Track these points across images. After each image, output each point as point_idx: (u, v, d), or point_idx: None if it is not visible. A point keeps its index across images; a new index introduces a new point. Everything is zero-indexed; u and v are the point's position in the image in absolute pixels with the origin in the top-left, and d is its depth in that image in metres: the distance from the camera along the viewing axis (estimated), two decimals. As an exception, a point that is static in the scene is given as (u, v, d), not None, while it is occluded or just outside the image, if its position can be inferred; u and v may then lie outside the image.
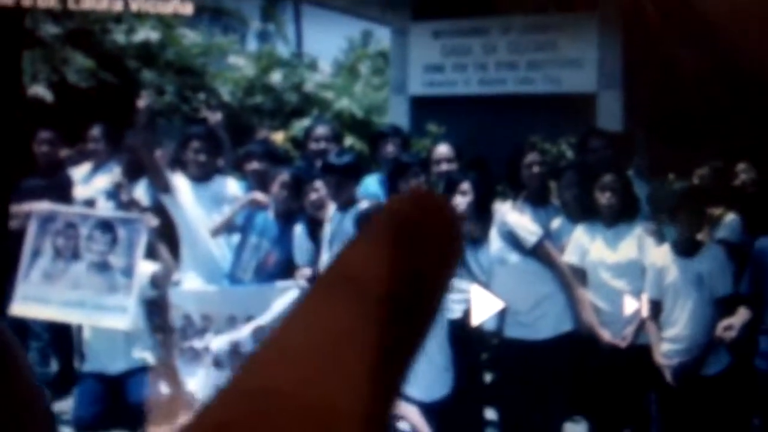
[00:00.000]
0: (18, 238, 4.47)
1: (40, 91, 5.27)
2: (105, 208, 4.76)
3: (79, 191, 4.92)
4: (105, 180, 4.97)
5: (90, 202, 4.84)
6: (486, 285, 4.19)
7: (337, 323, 0.22)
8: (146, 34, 6.02)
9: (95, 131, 5.21)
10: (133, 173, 4.94)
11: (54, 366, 5.09)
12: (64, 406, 4.68)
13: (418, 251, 0.22)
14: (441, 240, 0.22)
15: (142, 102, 4.83)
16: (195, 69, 6.46)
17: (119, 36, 5.96)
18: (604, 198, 4.33)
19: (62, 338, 5.03)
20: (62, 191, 4.78)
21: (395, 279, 0.22)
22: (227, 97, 6.56)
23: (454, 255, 0.23)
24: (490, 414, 4.43)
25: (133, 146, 4.88)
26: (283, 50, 7.27)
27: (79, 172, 5.09)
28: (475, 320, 4.09)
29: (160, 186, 4.71)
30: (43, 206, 4.57)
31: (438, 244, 0.22)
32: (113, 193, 4.86)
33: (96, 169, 5.13)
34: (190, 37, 6.44)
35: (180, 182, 4.73)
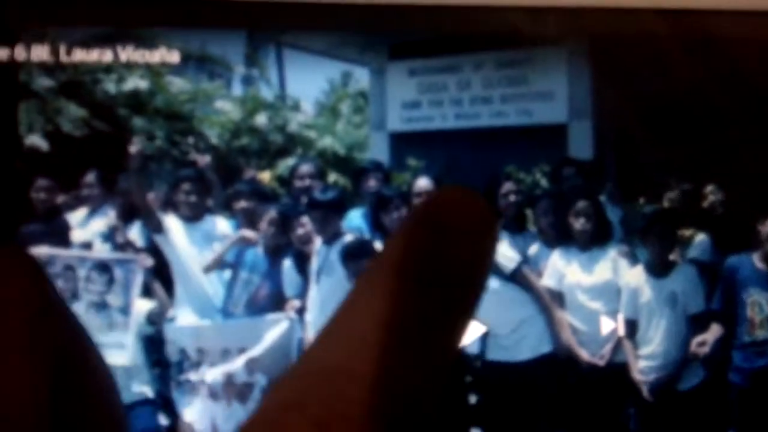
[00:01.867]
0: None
1: (36, 140, 5.44)
2: (101, 250, 4.88)
3: (76, 235, 5.04)
4: (101, 223, 5.10)
5: (87, 245, 4.95)
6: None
7: (366, 299, 0.23)
8: (135, 82, 6.19)
9: (90, 177, 5.33)
10: (127, 216, 5.07)
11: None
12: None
13: (457, 240, 0.23)
14: (476, 230, 0.23)
15: (133, 148, 4.98)
16: (183, 114, 6.60)
17: (110, 85, 6.12)
18: (578, 223, 4.45)
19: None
20: (60, 235, 4.91)
21: (420, 259, 0.23)
22: (215, 140, 6.71)
23: (490, 245, 0.23)
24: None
25: (126, 190, 5.02)
26: (267, 93, 7.35)
27: (75, 217, 5.20)
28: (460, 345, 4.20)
29: (154, 227, 4.86)
30: (43, 250, 4.70)
31: (474, 234, 0.23)
32: (109, 236, 4.99)
33: (92, 213, 5.25)
34: (178, 84, 6.61)
35: (172, 223, 4.88)
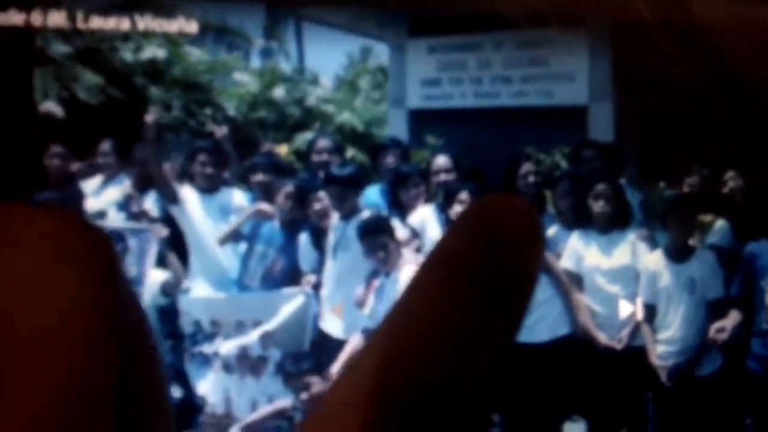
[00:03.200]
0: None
1: (51, 107, 5.40)
2: (116, 220, 4.87)
3: (91, 203, 5.02)
4: (115, 192, 5.08)
5: (101, 214, 4.94)
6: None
7: (431, 298, 0.24)
8: (153, 51, 6.16)
9: (105, 145, 5.32)
10: (142, 185, 5.05)
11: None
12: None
13: (506, 245, 0.23)
14: (526, 238, 0.24)
15: (150, 117, 4.97)
16: (201, 85, 6.58)
17: (127, 54, 6.09)
18: (597, 206, 4.45)
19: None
20: (74, 204, 4.89)
21: (487, 266, 0.23)
22: (232, 112, 6.67)
23: (537, 254, 0.24)
24: (493, 416, 4.53)
25: (142, 159, 5.00)
26: (285, 66, 7.36)
27: (89, 185, 5.19)
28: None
29: (169, 197, 4.83)
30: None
31: (523, 242, 0.24)
32: (123, 205, 4.97)
33: (106, 181, 5.23)
34: (196, 54, 6.58)
35: (188, 194, 4.86)
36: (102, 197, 5.07)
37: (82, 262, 0.24)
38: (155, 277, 4.65)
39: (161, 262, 4.77)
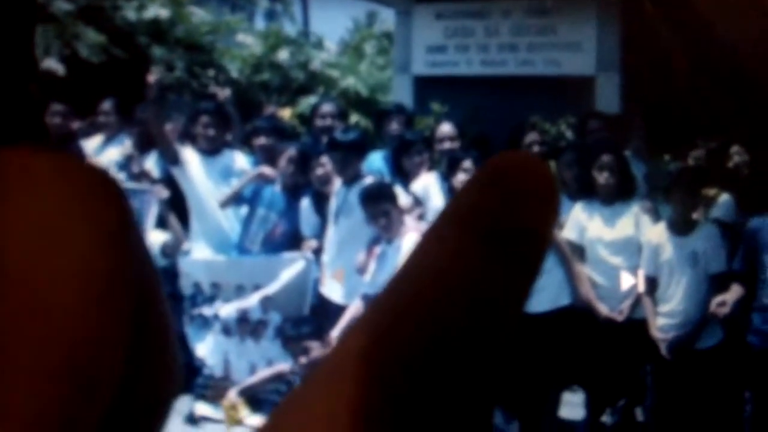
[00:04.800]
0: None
1: (52, 64, 5.37)
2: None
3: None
4: (116, 152, 5.06)
5: (101, 174, 4.90)
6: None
7: (433, 254, 0.23)
8: (156, 11, 6.12)
9: (106, 105, 5.29)
10: (143, 146, 5.03)
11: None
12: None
13: (522, 203, 0.23)
14: (542, 198, 0.23)
15: (152, 77, 4.92)
16: (204, 46, 6.56)
17: (130, 13, 6.06)
18: (602, 177, 4.42)
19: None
20: (74, 162, 4.85)
21: (502, 224, 0.23)
22: (235, 74, 6.66)
23: (553, 215, 0.23)
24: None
25: (143, 119, 4.97)
26: (290, 29, 7.35)
27: (90, 144, 5.17)
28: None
29: (170, 158, 4.80)
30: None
31: (539, 202, 0.23)
32: (124, 165, 4.95)
33: (107, 141, 5.21)
34: (199, 14, 6.55)
35: (190, 155, 4.83)
36: (103, 156, 5.04)
37: (96, 205, 0.23)
38: (155, 239, 4.63)
39: (161, 223, 4.75)
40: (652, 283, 4.30)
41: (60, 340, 0.21)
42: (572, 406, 4.55)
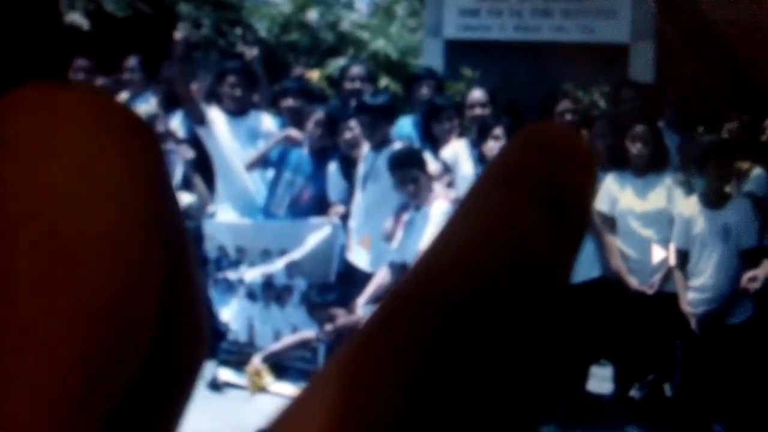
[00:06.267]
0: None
1: (77, 18, 5.29)
2: (141, 139, 4.79)
3: (115, 121, 4.94)
4: (141, 110, 4.99)
5: (126, 132, 4.86)
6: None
7: (489, 212, 0.22)
8: (184, -34, 6.04)
9: (132, 61, 5.23)
10: (169, 104, 4.97)
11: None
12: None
13: (568, 165, 0.22)
14: (583, 167, 0.22)
15: (178, 34, 4.85)
16: (232, 4, 6.47)
17: (157, -33, 5.98)
18: (635, 148, 4.36)
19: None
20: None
21: (548, 185, 0.22)
22: (263, 33, 6.57)
23: (593, 185, 0.23)
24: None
25: (169, 77, 4.91)
26: (320, -12, 7.24)
27: (115, 102, 5.10)
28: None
29: (196, 118, 4.74)
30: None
31: (580, 165, 0.22)
32: (149, 124, 4.90)
33: (132, 98, 5.15)
34: (228, -29, 6.47)
35: (216, 115, 4.77)
36: (128, 115, 4.97)
37: (135, 145, 0.21)
38: (180, 200, 4.58)
39: (186, 184, 4.70)
40: (683, 257, 4.25)
41: (102, 274, 0.19)
42: (600, 379, 4.51)
